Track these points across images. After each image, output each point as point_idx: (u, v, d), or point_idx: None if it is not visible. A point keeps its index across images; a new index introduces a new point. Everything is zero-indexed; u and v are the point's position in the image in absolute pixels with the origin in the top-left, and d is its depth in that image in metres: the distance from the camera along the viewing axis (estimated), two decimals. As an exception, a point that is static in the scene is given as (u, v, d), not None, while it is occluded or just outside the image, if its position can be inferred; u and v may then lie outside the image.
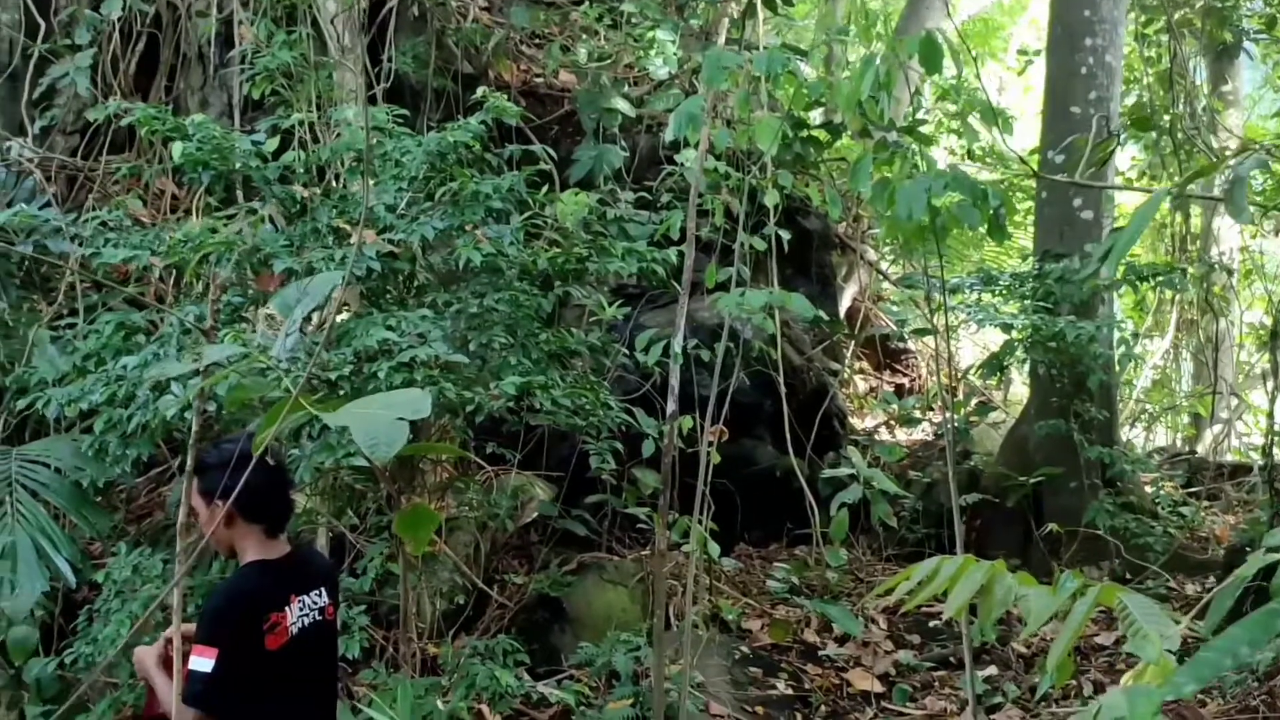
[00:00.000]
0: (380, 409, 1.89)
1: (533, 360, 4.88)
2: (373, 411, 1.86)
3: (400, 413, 1.90)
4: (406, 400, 1.96)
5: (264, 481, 3.31)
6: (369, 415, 1.87)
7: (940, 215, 3.45)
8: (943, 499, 8.90)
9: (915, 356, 11.88)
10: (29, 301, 6.76)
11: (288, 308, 2.13)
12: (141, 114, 4.89)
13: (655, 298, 8.49)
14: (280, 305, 2.14)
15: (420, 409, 1.93)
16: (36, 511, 5.25)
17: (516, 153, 5.47)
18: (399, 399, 1.97)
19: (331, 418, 1.86)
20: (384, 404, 1.96)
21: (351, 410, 1.92)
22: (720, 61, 4.52)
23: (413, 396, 1.99)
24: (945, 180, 3.30)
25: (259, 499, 3.35)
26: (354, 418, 1.89)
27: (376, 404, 1.93)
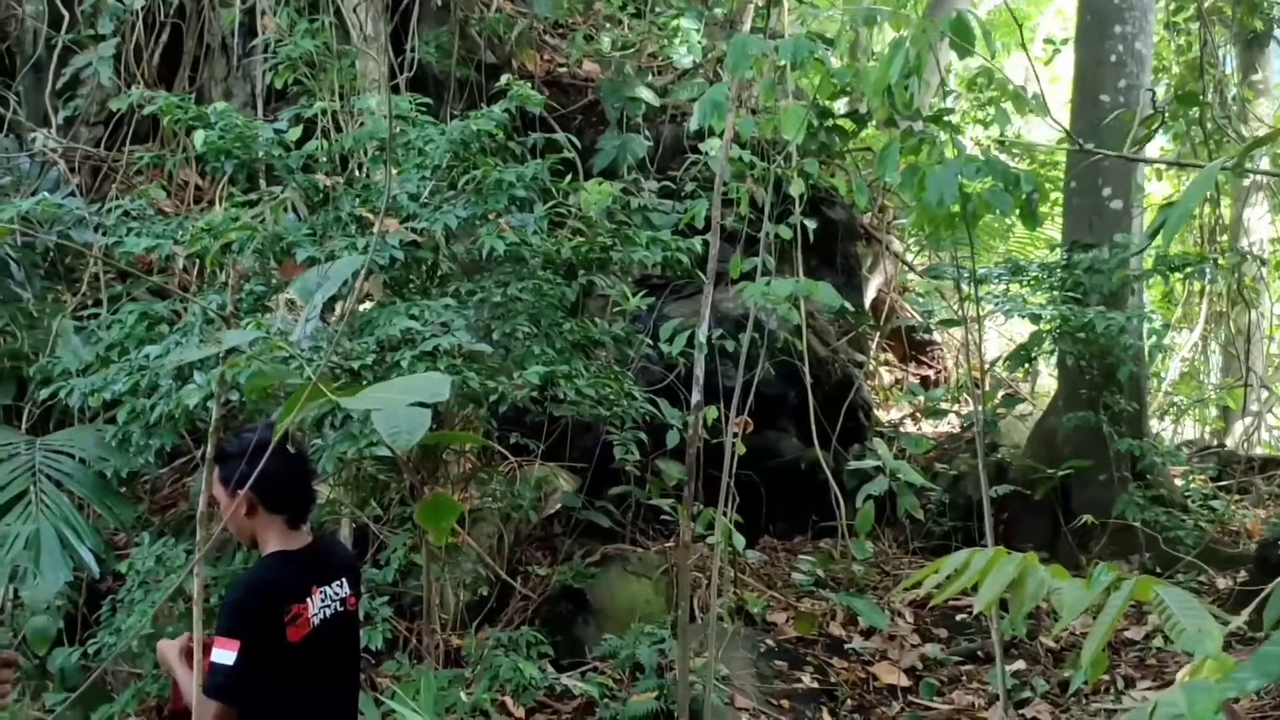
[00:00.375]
0: (398, 393, 1.84)
1: (556, 350, 4.84)
2: (392, 396, 1.81)
3: (419, 396, 1.86)
4: (425, 384, 1.91)
5: (286, 471, 3.28)
6: (390, 401, 1.82)
7: (971, 201, 3.38)
8: (969, 491, 8.82)
9: (941, 348, 11.79)
10: (53, 292, 6.78)
11: (308, 293, 2.09)
12: (164, 103, 4.86)
13: (679, 288, 8.44)
14: (300, 290, 2.10)
15: (439, 392, 1.88)
16: (60, 501, 5.24)
17: (540, 141, 5.42)
18: (418, 383, 1.92)
19: (351, 402, 1.82)
20: (402, 388, 1.91)
21: (371, 395, 1.87)
22: (746, 48, 4.45)
23: (432, 380, 1.94)
24: (977, 165, 3.23)
25: (280, 488, 3.32)
26: (375, 404, 1.85)
27: (395, 388, 1.88)
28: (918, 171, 3.40)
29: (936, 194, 3.17)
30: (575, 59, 8.53)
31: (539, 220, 4.99)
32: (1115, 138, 8.08)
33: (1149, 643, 6.55)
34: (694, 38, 7.72)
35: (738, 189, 5.39)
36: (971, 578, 2.65)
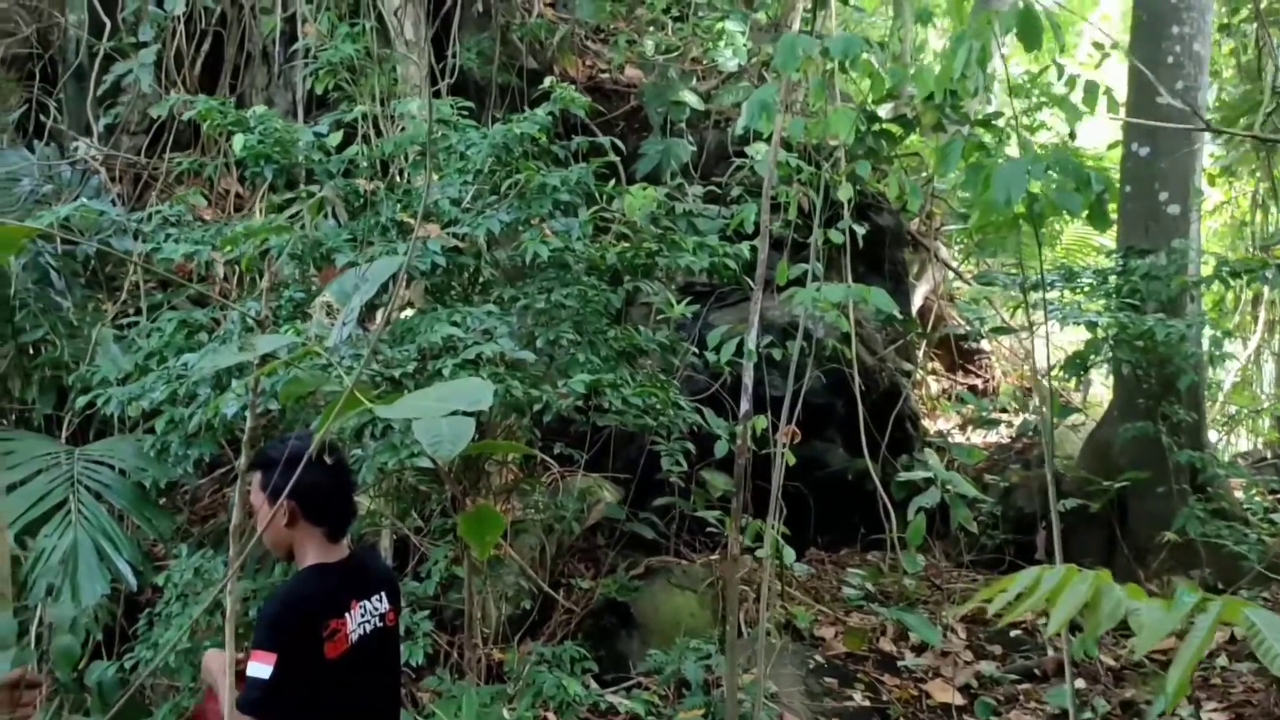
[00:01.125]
0: (439, 401, 1.71)
1: (601, 358, 4.71)
2: (432, 404, 1.69)
3: (460, 405, 1.73)
4: (467, 391, 1.79)
5: (329, 481, 3.17)
6: (430, 410, 1.70)
7: (1037, 202, 3.22)
8: (1021, 503, 8.62)
9: (989, 357, 11.56)
10: (94, 300, 6.73)
11: (345, 295, 1.97)
12: (204, 107, 4.79)
13: (724, 295, 8.30)
14: (337, 293, 1.99)
15: (481, 400, 1.76)
16: (98, 513, 5.17)
17: (584, 145, 5.30)
18: (459, 390, 1.80)
19: (389, 411, 1.70)
20: (442, 395, 1.78)
21: (410, 404, 1.75)
22: (795, 47, 4.32)
23: (473, 387, 1.81)
24: (1046, 163, 3.08)
25: (322, 499, 3.21)
26: (415, 412, 1.72)
27: (435, 396, 1.76)
28: (981, 170, 3.24)
29: (1004, 192, 3.01)
30: (618, 63, 8.41)
31: (583, 225, 4.86)
32: (1173, 141, 7.87)
33: (1213, 661, 6.33)
34: (739, 41, 7.58)
35: (786, 193, 5.24)
36: (1042, 597, 2.50)
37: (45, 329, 6.37)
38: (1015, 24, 3.13)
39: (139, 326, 5.49)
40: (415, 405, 1.77)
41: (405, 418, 1.71)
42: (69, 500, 5.26)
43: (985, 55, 3.18)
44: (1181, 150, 7.84)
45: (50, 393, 6.50)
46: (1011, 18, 3.14)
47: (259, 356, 1.92)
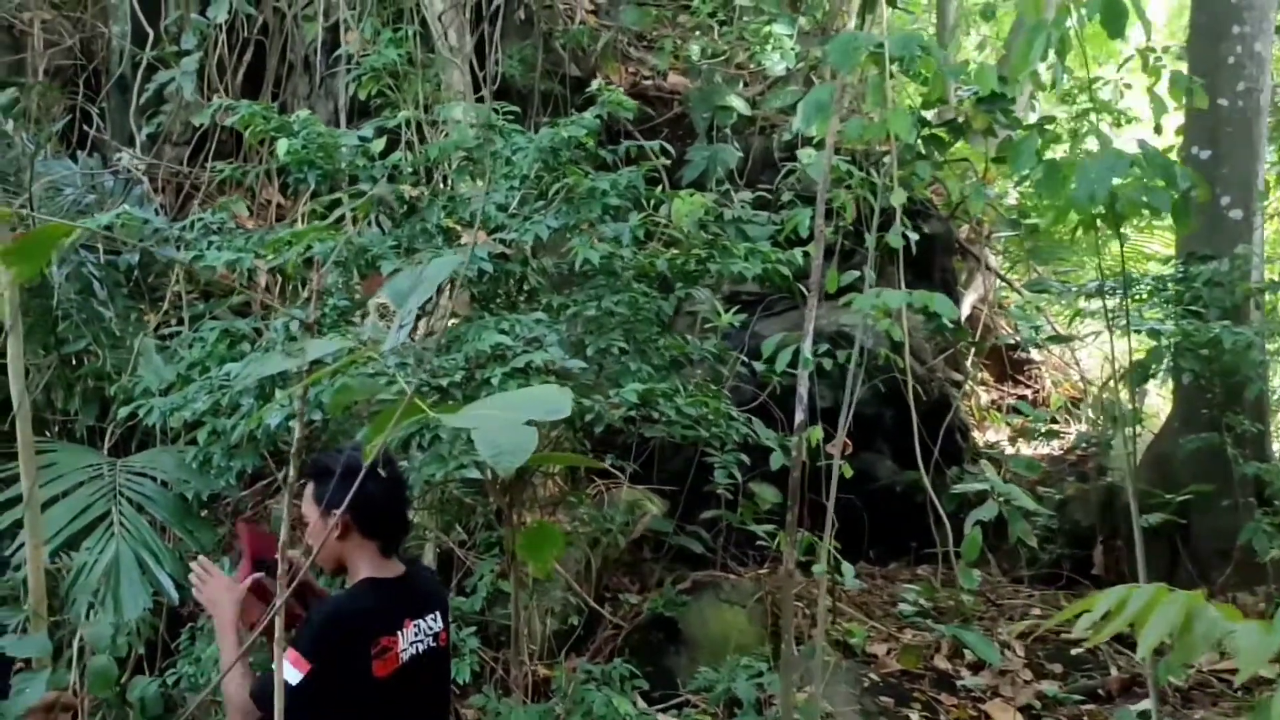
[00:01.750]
0: (510, 409, 1.58)
1: (654, 367, 4.57)
2: (501, 413, 1.56)
3: (535, 412, 1.60)
4: (540, 399, 1.65)
5: (384, 494, 3.06)
6: (501, 419, 1.57)
7: (1118, 200, 3.06)
8: (1077, 517, 8.40)
9: (1039, 367, 11.33)
10: (136, 311, 6.67)
11: (401, 296, 1.84)
12: (246, 112, 4.70)
13: (771, 304, 8.15)
14: (393, 294, 1.86)
15: (560, 408, 1.62)
16: (140, 525, 5.09)
17: (632, 149, 5.17)
18: (533, 397, 1.66)
19: (455, 419, 1.57)
20: (511, 404, 1.65)
21: (478, 411, 1.62)
22: (851, 46, 4.17)
23: (549, 395, 1.68)
24: (1131, 159, 2.91)
25: (377, 512, 3.11)
26: (483, 421, 1.59)
27: (502, 404, 1.63)
28: (1056, 167, 3.08)
29: (1087, 189, 2.85)
30: (663, 68, 8.29)
31: (634, 229, 4.73)
32: (1235, 144, 7.66)
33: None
34: (786, 44, 7.44)
35: (841, 196, 5.09)
36: (1129, 618, 2.35)
37: (88, 340, 6.32)
38: (1098, 8, 2.97)
39: (181, 336, 5.41)
40: (484, 414, 1.64)
41: (473, 426, 1.57)
42: (111, 513, 5.19)
43: (1065, 44, 3.02)
44: (1243, 153, 7.62)
45: (93, 404, 6.45)
46: (1095, 2, 2.98)
47: (307, 363, 1.79)
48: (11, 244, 1.77)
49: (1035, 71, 3.05)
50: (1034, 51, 3.00)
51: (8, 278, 1.66)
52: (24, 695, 2.50)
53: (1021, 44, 3.08)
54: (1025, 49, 3.04)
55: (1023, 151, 3.28)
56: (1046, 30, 2.99)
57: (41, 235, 1.81)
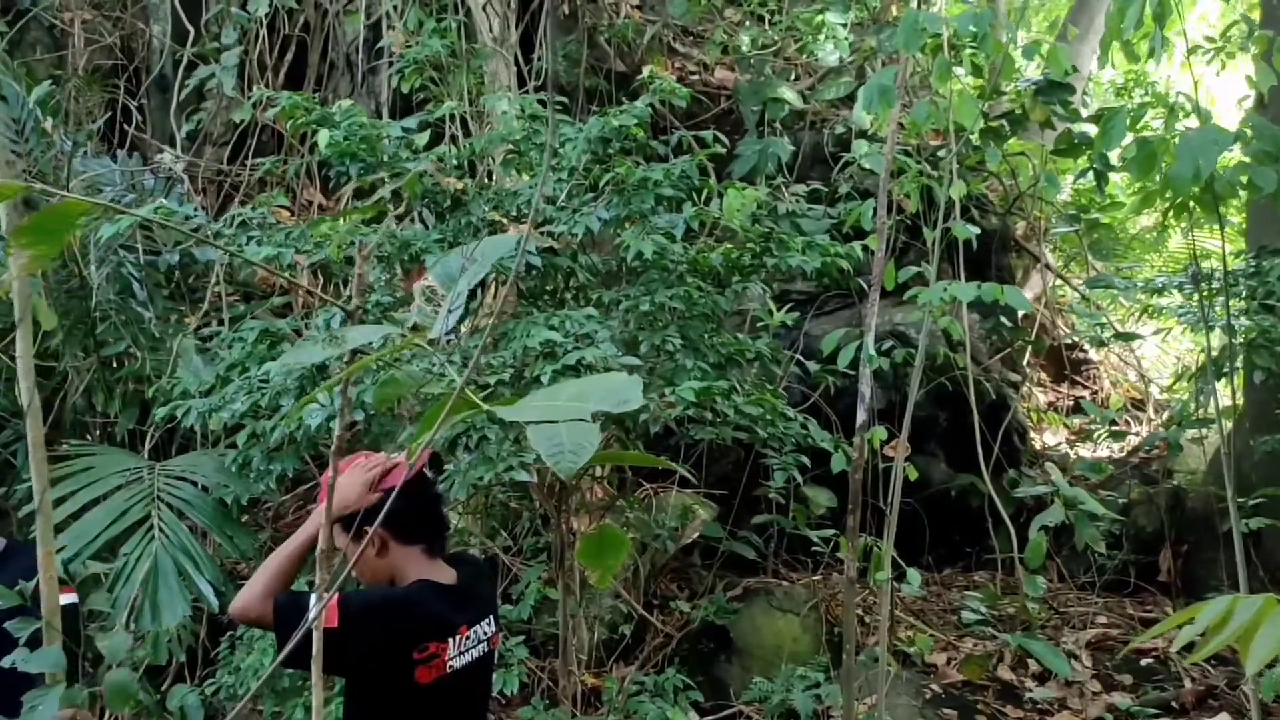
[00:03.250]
0: (572, 399, 1.39)
1: (710, 364, 4.36)
2: (565, 404, 1.37)
3: (603, 403, 1.41)
4: (608, 387, 1.46)
5: (413, 493, 2.89)
6: (566, 410, 1.37)
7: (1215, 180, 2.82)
8: (1143, 522, 8.10)
9: (1097, 367, 11.02)
10: (177, 312, 6.56)
11: (450, 278, 1.65)
12: (287, 103, 4.55)
13: (824, 303, 7.93)
14: (442, 275, 1.67)
15: (630, 398, 1.43)
16: (179, 530, 4.95)
17: (686, 139, 4.98)
18: (599, 385, 1.47)
19: (511, 413, 1.38)
20: (575, 394, 1.46)
21: (537, 403, 1.43)
22: (918, 24, 3.96)
23: (615, 382, 1.48)
24: (1235, 134, 2.68)
25: (411, 514, 2.93)
26: (546, 413, 1.40)
27: (565, 394, 1.43)
28: (1147, 144, 2.85)
29: (1191, 164, 2.63)
30: (713, 56, 8.07)
31: (690, 219, 4.53)
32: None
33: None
34: (840, 33, 7.22)
35: (905, 185, 4.87)
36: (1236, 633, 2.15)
37: (128, 342, 6.21)
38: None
39: (220, 337, 5.27)
40: (546, 405, 1.44)
41: (532, 420, 1.38)
42: (149, 517, 5.06)
43: (1164, 8, 2.79)
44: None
45: (133, 407, 6.33)
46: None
47: (348, 354, 1.61)
48: (25, 222, 1.60)
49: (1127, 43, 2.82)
50: (1129, 17, 2.77)
51: (18, 267, 1.50)
52: (36, 713, 2.34)
53: (1113, 11, 2.85)
54: (1118, 17, 2.82)
55: (1113, 127, 3.05)
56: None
57: (57, 213, 1.64)
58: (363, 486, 2.84)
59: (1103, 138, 3.08)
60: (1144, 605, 7.42)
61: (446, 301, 1.63)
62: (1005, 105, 8.23)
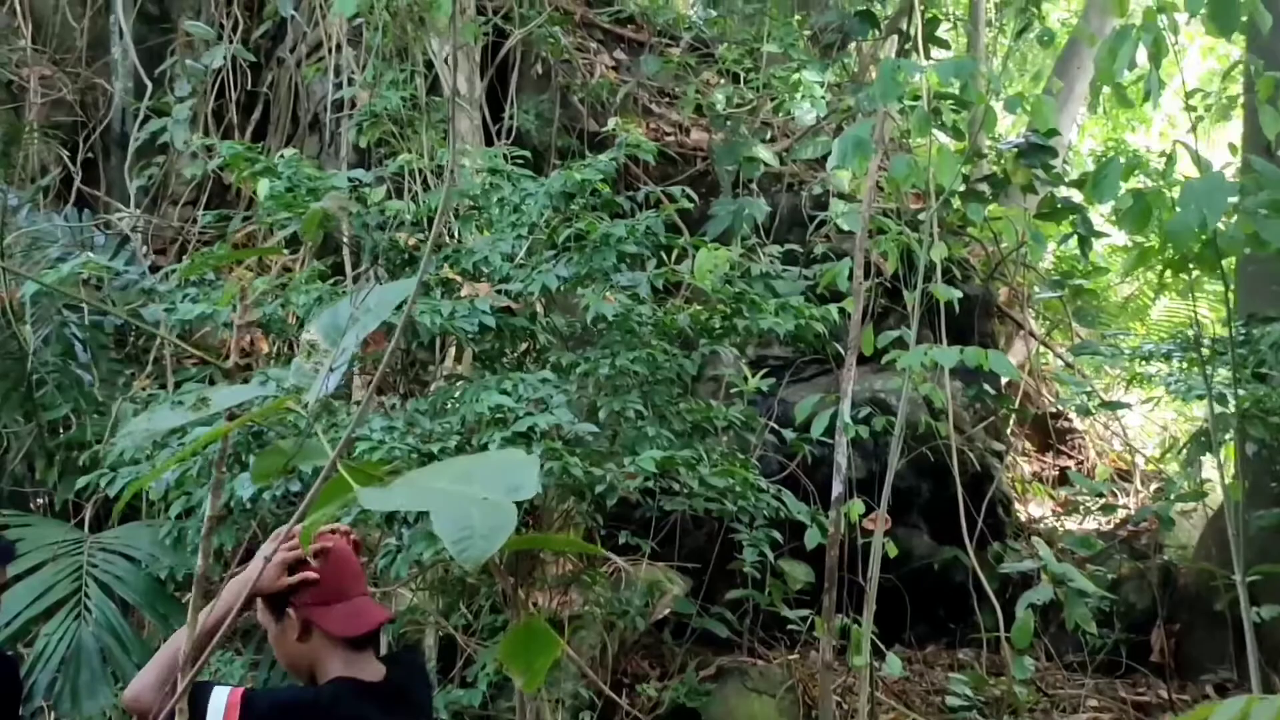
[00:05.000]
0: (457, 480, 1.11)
1: (675, 432, 4.08)
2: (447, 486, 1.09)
3: (492, 487, 1.13)
4: (501, 467, 1.18)
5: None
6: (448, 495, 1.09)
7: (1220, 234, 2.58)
8: (1133, 599, 7.81)
9: (1082, 437, 10.77)
10: (123, 375, 6.27)
11: (336, 331, 1.37)
12: (229, 153, 4.30)
13: (800, 369, 7.68)
14: (327, 327, 1.39)
15: (522, 484, 1.15)
16: (107, 608, 4.62)
17: (653, 196, 4.74)
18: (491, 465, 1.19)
19: (381, 498, 1.10)
20: (462, 473, 1.18)
21: (416, 485, 1.14)
22: (897, 74, 3.74)
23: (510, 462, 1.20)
24: (1239, 185, 2.45)
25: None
26: (422, 499, 1.12)
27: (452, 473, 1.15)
28: (1142, 195, 2.61)
29: (1194, 215, 2.38)
30: (685, 118, 7.90)
31: (654, 278, 4.28)
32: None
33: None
34: (817, 91, 7.04)
35: (884, 244, 4.64)
36: (1255, 734, 1.90)
37: (71, 405, 5.91)
38: (1204, 4, 2.52)
39: (158, 400, 4.97)
40: (425, 488, 1.16)
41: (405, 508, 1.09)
42: (78, 593, 4.73)
43: (1161, 48, 2.56)
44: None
45: (74, 475, 6.02)
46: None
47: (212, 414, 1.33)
48: None
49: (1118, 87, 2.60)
50: (1121, 58, 2.55)
51: None
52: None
53: (1104, 54, 2.63)
54: (1110, 58, 2.59)
55: (1106, 178, 2.81)
56: (1132, 35, 2.54)
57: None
58: (277, 567, 2.55)
59: (1095, 190, 2.84)
60: (1136, 688, 7.10)
61: (329, 359, 1.34)
62: (986, 168, 8.10)
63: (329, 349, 1.41)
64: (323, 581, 2.57)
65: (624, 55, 9.54)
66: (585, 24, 9.58)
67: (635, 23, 9.85)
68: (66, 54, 8.06)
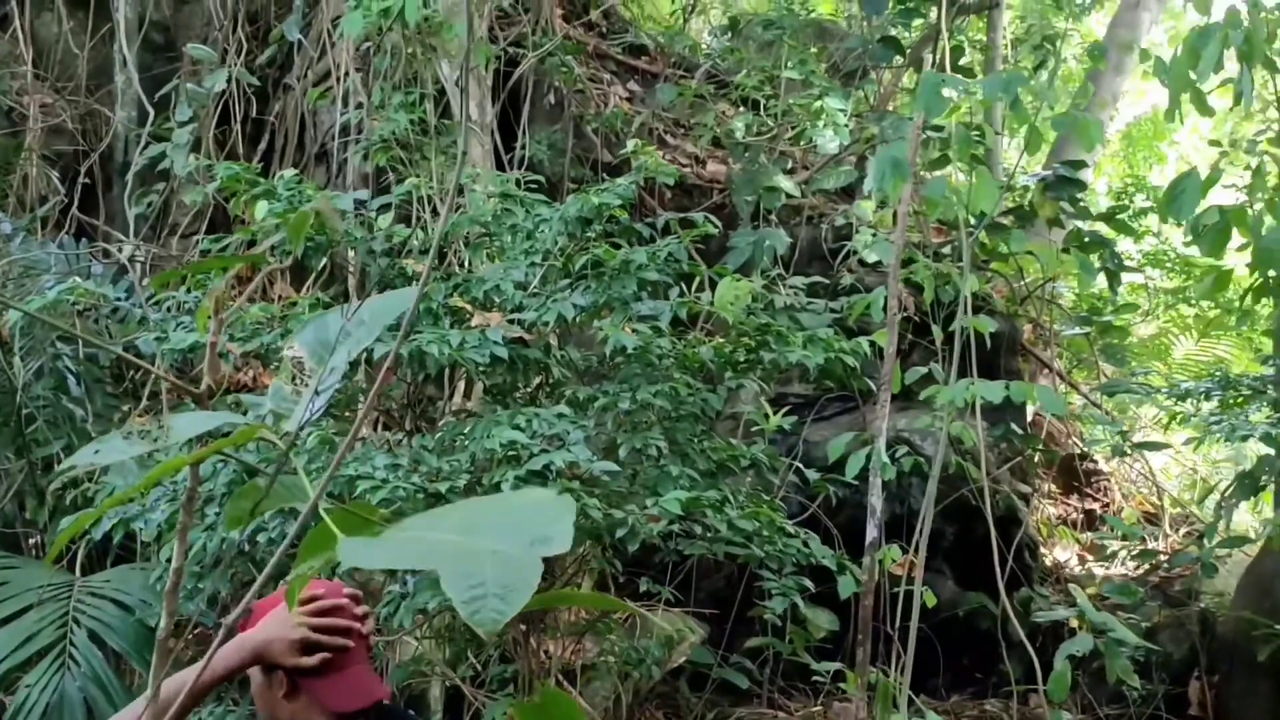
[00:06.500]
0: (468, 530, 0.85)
1: (699, 472, 3.82)
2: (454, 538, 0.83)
3: (509, 539, 0.87)
4: (520, 515, 0.93)
5: None
6: (457, 548, 0.84)
7: None
8: (1169, 648, 7.50)
9: (1108, 479, 10.46)
10: (118, 410, 6.03)
11: (324, 348, 1.12)
12: (225, 175, 4.07)
13: (823, 406, 7.42)
14: (313, 343, 1.14)
15: (551, 533, 0.90)
16: (93, 657, 4.35)
17: (673, 223, 4.50)
18: (512, 509, 0.94)
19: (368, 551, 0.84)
20: (475, 521, 0.92)
21: (415, 533, 0.89)
22: (940, 87, 3.50)
23: (532, 507, 0.95)
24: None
25: None
26: (427, 554, 0.86)
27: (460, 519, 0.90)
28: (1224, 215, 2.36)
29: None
30: (702, 149, 7.69)
31: (677, 308, 4.03)
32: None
33: None
34: (840, 119, 6.82)
35: (920, 273, 4.39)
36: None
37: (65, 442, 5.67)
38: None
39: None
40: (425, 539, 0.90)
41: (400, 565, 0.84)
42: (62, 641, 4.46)
43: (1252, 49, 2.30)
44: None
45: (65, 514, 5.78)
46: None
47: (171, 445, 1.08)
48: None
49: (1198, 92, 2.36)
50: (1206, 59, 2.29)
51: None
52: None
53: (1181, 55, 2.37)
54: (1189, 59, 2.33)
55: (1184, 193, 2.56)
56: (1217, 35, 2.28)
57: None
58: (293, 646, 2.30)
59: (1171, 207, 2.59)
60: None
61: (314, 380, 1.09)
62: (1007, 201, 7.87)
63: (315, 368, 1.15)
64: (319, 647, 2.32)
65: (637, 87, 9.37)
66: (598, 55, 9.42)
67: (649, 54, 9.70)
68: (68, 81, 7.88)
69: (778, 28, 7.31)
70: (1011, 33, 11.24)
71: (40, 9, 7.98)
